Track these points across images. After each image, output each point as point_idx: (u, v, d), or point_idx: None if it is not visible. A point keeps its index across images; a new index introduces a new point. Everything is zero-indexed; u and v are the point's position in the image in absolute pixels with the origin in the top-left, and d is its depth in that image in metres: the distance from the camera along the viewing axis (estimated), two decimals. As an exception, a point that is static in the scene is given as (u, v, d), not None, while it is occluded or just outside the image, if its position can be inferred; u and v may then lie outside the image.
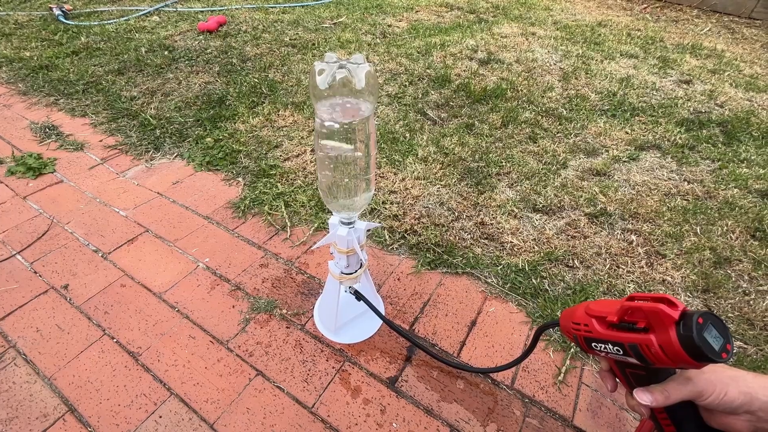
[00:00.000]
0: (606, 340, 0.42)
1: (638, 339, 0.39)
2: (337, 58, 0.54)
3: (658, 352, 0.38)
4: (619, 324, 0.42)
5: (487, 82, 2.00)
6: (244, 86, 1.90)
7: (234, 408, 0.81)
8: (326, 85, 0.53)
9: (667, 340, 0.37)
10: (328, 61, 0.53)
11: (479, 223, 1.23)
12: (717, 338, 0.36)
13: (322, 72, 0.53)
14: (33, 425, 0.77)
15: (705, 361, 0.36)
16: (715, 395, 0.39)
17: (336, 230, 0.75)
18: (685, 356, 0.36)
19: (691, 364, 0.37)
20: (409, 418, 0.80)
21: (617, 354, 0.42)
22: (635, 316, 0.40)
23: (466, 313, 1.01)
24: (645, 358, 0.39)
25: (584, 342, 0.45)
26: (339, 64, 0.53)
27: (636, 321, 0.40)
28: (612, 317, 0.42)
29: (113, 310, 0.98)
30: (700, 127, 1.72)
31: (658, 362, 0.38)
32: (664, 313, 0.37)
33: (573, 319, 0.47)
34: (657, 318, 0.38)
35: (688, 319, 0.37)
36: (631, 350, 0.40)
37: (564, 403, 0.84)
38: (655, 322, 0.38)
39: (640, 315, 0.40)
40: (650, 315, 0.39)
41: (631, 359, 0.41)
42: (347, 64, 0.53)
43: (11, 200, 1.29)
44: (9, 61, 2.09)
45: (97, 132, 1.62)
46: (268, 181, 1.37)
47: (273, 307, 0.99)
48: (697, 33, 2.81)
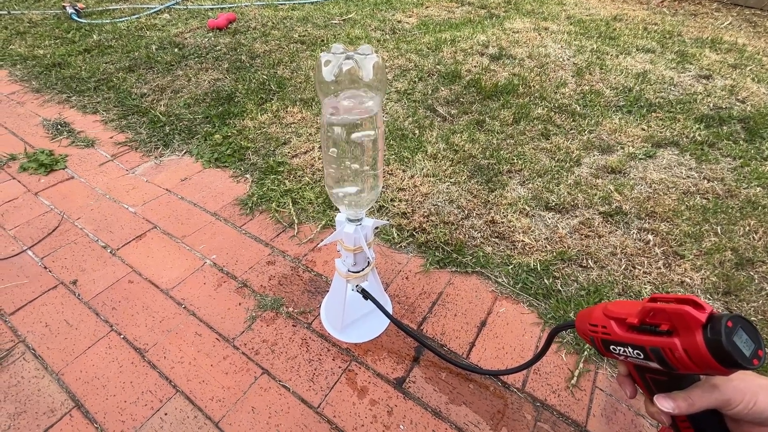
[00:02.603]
0: (626, 343, 0.40)
1: (661, 342, 0.37)
2: (344, 49, 0.52)
3: (683, 357, 0.35)
4: (640, 326, 0.39)
5: (498, 77, 1.96)
6: (252, 83, 1.89)
7: (239, 407, 0.80)
8: (332, 76, 0.51)
9: (693, 344, 0.35)
10: (334, 52, 0.51)
11: (490, 222, 1.20)
12: (748, 343, 0.34)
13: (329, 63, 0.51)
14: (40, 420, 0.77)
15: (734, 367, 0.34)
16: (744, 404, 0.36)
17: (343, 227, 0.73)
18: (713, 362, 0.34)
19: (718, 371, 0.34)
20: (417, 420, 0.79)
21: (638, 358, 0.39)
22: (658, 318, 0.38)
23: (476, 314, 0.98)
24: (668, 362, 0.37)
25: (602, 345, 0.43)
26: (346, 55, 0.51)
27: (659, 323, 0.38)
28: (632, 319, 0.40)
29: (121, 306, 0.98)
30: (721, 124, 1.66)
31: (683, 368, 0.36)
32: (690, 316, 0.35)
33: (590, 320, 0.44)
34: (682, 320, 0.36)
35: (716, 323, 0.34)
36: (653, 354, 0.38)
37: (577, 408, 0.81)
38: (680, 324, 0.36)
39: (664, 317, 0.37)
40: (674, 317, 0.36)
41: (652, 364, 0.38)
42: (354, 54, 0.51)
43: (23, 196, 1.30)
44: (23, 59, 2.12)
45: (108, 129, 1.63)
46: (276, 178, 1.36)
47: (279, 305, 0.98)
48: (717, 27, 2.72)
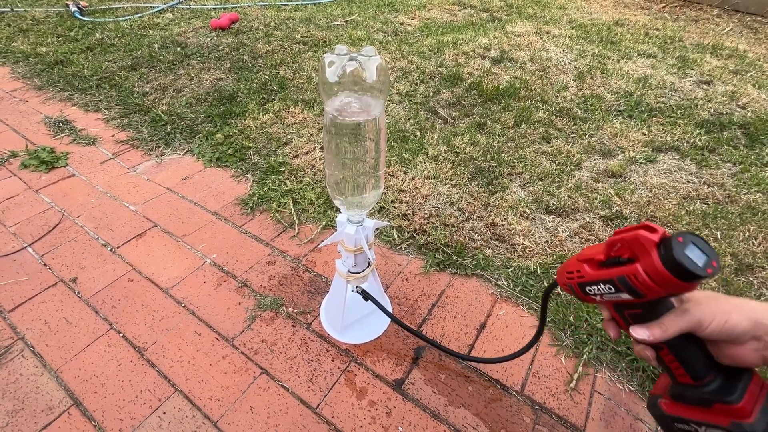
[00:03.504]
0: (597, 281, 0.41)
1: (625, 270, 0.38)
2: (348, 50, 0.52)
3: (646, 280, 0.37)
4: (606, 261, 0.41)
5: (499, 81, 1.96)
6: (254, 83, 1.90)
7: (238, 406, 0.80)
8: (336, 77, 0.51)
9: (651, 264, 0.36)
10: (338, 53, 0.51)
11: (490, 224, 1.21)
12: (700, 256, 0.35)
13: (332, 64, 0.51)
14: (38, 418, 0.77)
15: (691, 279, 0.35)
16: (716, 323, 0.37)
17: (344, 228, 0.73)
18: (671, 277, 0.35)
19: (678, 286, 0.36)
20: (416, 422, 0.79)
21: (610, 293, 0.41)
22: (621, 249, 0.40)
23: (476, 316, 0.98)
24: (636, 289, 0.38)
25: (579, 290, 0.44)
26: (349, 56, 0.51)
27: (621, 254, 0.40)
28: (599, 256, 0.42)
29: (120, 304, 0.98)
30: (721, 129, 1.67)
31: (649, 291, 0.37)
32: (644, 238, 0.37)
33: (566, 269, 0.46)
34: (639, 245, 0.37)
35: (668, 241, 0.36)
36: (621, 284, 0.39)
37: (576, 411, 0.81)
38: (637, 249, 0.38)
39: (625, 247, 0.39)
40: (632, 243, 0.38)
41: (623, 295, 0.40)
42: (358, 56, 0.51)
43: (24, 193, 1.30)
44: (26, 56, 2.12)
45: (110, 127, 1.63)
46: (277, 178, 1.37)
47: (279, 305, 0.98)
48: (718, 33, 2.73)
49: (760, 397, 0.38)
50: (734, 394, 0.38)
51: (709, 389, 0.39)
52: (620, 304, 0.42)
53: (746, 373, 0.39)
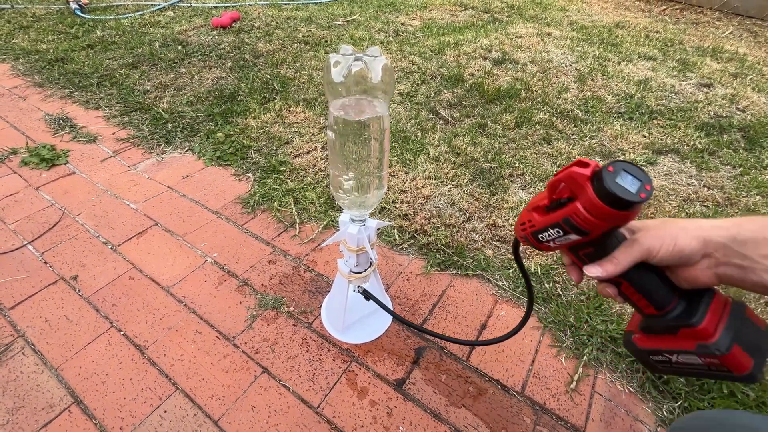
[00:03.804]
0: (546, 227, 0.41)
1: (567, 211, 0.38)
2: (353, 50, 0.52)
3: (586, 216, 0.37)
4: (550, 205, 0.41)
5: (500, 82, 1.97)
6: (255, 82, 1.90)
7: (239, 405, 0.80)
8: (341, 78, 0.51)
9: (587, 199, 0.36)
10: (343, 53, 0.51)
11: (491, 225, 1.21)
12: (633, 182, 0.35)
13: (338, 64, 0.51)
14: (39, 415, 0.77)
15: (628, 207, 0.35)
16: (665, 248, 0.37)
17: (346, 228, 0.73)
18: (608, 209, 0.35)
19: (618, 216, 0.36)
20: (417, 422, 0.79)
21: (560, 236, 0.41)
22: (561, 191, 0.39)
23: (476, 316, 0.98)
24: (580, 228, 0.38)
25: (534, 239, 0.44)
26: (355, 57, 0.51)
27: (562, 195, 0.39)
28: (544, 201, 0.42)
29: (121, 302, 0.98)
30: (721, 132, 1.67)
31: (592, 228, 0.37)
32: (577, 174, 0.37)
33: (520, 221, 0.46)
34: (574, 182, 0.37)
35: (599, 173, 0.36)
36: (567, 226, 0.39)
37: (576, 412, 0.82)
38: (574, 187, 0.38)
39: (564, 188, 0.39)
40: (568, 182, 0.38)
41: (572, 236, 0.40)
42: (363, 56, 0.51)
43: (24, 190, 1.30)
44: (26, 53, 2.12)
45: (110, 125, 1.63)
46: (278, 178, 1.37)
47: (280, 305, 0.98)
48: (718, 36, 2.74)
49: (724, 314, 0.38)
50: (695, 317, 0.38)
51: (672, 316, 0.39)
52: (574, 246, 0.42)
53: (707, 293, 0.39)
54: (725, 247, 0.36)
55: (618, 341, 0.92)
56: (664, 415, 0.82)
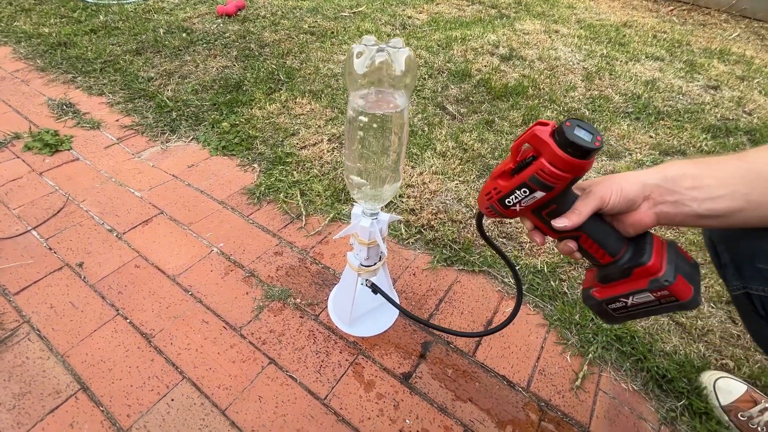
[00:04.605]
0: (513, 189, 0.45)
1: (533, 168, 0.42)
2: (376, 41, 0.51)
3: (551, 170, 0.40)
4: (515, 167, 0.44)
5: (508, 78, 1.96)
6: (261, 72, 1.88)
7: (246, 395, 0.80)
8: (364, 68, 0.51)
9: (551, 152, 0.40)
10: (366, 44, 0.51)
11: (497, 222, 1.21)
12: (587, 134, 0.40)
13: (361, 55, 0.50)
14: (45, 401, 0.77)
15: (587, 155, 0.39)
16: (614, 194, 0.42)
17: (359, 221, 0.73)
18: (570, 158, 0.39)
19: (579, 165, 0.40)
20: (423, 415, 0.79)
21: (526, 196, 0.44)
22: (525, 152, 0.43)
23: (482, 313, 0.99)
24: (546, 183, 0.41)
25: (500, 206, 0.47)
26: (378, 48, 0.50)
27: (526, 156, 0.43)
28: (509, 165, 0.45)
29: (127, 290, 0.97)
30: (727, 135, 1.67)
31: (557, 180, 0.41)
32: (540, 131, 0.41)
33: (484, 192, 0.49)
34: (537, 140, 0.41)
35: (558, 128, 0.40)
36: (534, 183, 0.42)
37: (581, 409, 0.82)
38: (537, 144, 0.41)
39: (528, 149, 0.43)
40: (531, 141, 0.42)
41: (538, 194, 0.43)
42: (387, 47, 0.51)
43: (27, 175, 1.28)
44: (28, 36, 2.08)
45: (114, 111, 1.61)
46: (284, 169, 1.36)
47: (287, 296, 0.98)
48: (726, 38, 2.73)
49: (663, 252, 0.43)
50: (644, 256, 0.43)
51: (625, 259, 0.44)
52: (537, 207, 0.45)
53: (647, 236, 0.44)
54: (658, 187, 0.41)
55: (623, 340, 0.93)
56: (666, 413, 0.83)
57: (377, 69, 0.51)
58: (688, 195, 0.41)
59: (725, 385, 0.83)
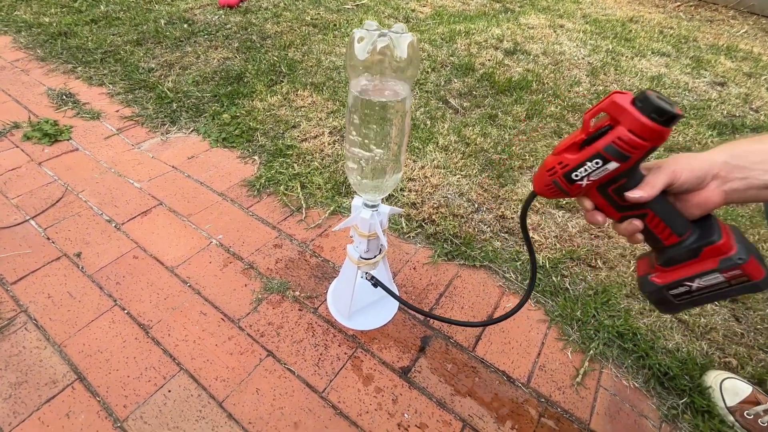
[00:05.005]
0: (584, 161, 0.43)
1: (610, 137, 0.40)
2: (378, 26, 0.50)
3: (631, 138, 0.39)
4: (587, 138, 0.42)
5: (512, 73, 1.94)
6: (263, 64, 1.86)
7: (243, 387, 0.79)
8: (366, 54, 0.49)
9: (632, 119, 0.39)
10: (368, 29, 0.49)
11: (499, 216, 1.19)
12: (666, 103, 0.38)
13: (362, 39, 0.49)
14: (42, 391, 0.76)
15: (670, 122, 0.38)
16: (686, 170, 0.41)
17: (359, 213, 0.72)
18: (653, 124, 0.38)
19: (660, 133, 0.38)
20: (422, 409, 0.78)
21: (597, 168, 0.42)
22: (599, 122, 0.42)
23: (483, 308, 0.98)
24: (623, 152, 0.40)
25: (565, 181, 0.45)
26: (380, 33, 0.49)
27: (600, 126, 0.41)
28: (579, 137, 0.43)
29: (125, 281, 0.96)
30: (734, 132, 1.65)
31: (635, 150, 0.39)
32: (620, 99, 0.39)
33: (545, 169, 0.47)
34: (616, 107, 0.40)
35: (638, 96, 0.39)
36: (609, 153, 0.41)
37: (581, 406, 0.81)
38: (616, 113, 0.40)
39: (605, 118, 0.41)
40: (609, 109, 0.40)
41: (611, 165, 0.41)
42: (389, 33, 0.49)
43: (26, 165, 1.28)
44: (28, 26, 2.07)
45: (114, 102, 1.60)
46: (285, 161, 1.35)
47: (286, 289, 0.97)
48: (733, 34, 2.69)
49: (730, 231, 0.42)
50: (714, 235, 0.41)
51: (692, 239, 0.42)
52: (605, 183, 0.43)
53: (711, 218, 0.43)
54: (726, 164, 0.41)
55: (625, 337, 0.92)
56: (668, 411, 0.82)
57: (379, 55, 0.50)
58: (758, 168, 0.40)
59: (732, 386, 0.82)
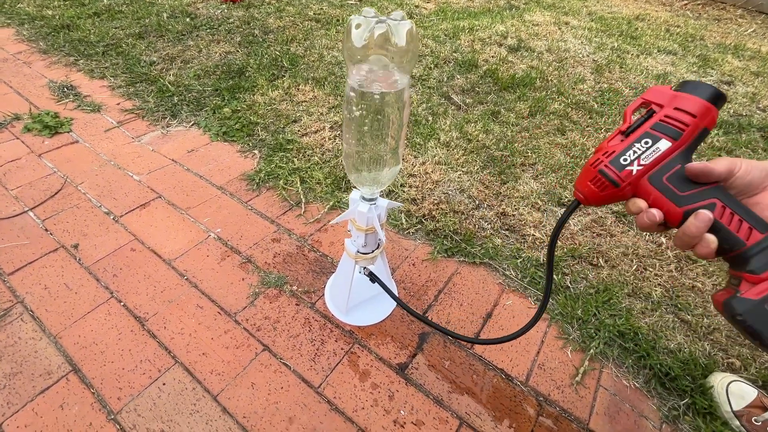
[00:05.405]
0: (631, 143, 0.41)
1: (656, 117, 0.40)
2: (376, 13, 0.49)
3: (678, 114, 0.38)
4: (631, 126, 0.42)
5: (515, 69, 1.92)
6: (264, 58, 1.85)
7: (239, 381, 0.78)
8: (363, 41, 0.48)
9: (677, 98, 0.39)
10: (366, 15, 0.48)
11: (500, 214, 1.18)
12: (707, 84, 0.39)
13: (359, 26, 0.48)
14: (36, 382, 0.76)
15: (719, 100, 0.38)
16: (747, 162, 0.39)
17: (356, 206, 0.71)
18: (698, 98, 0.38)
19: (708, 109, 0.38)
20: (418, 407, 0.77)
21: (647, 148, 0.40)
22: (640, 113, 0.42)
23: (482, 305, 0.97)
24: (673, 128, 0.39)
25: (613, 168, 0.41)
26: (378, 19, 0.48)
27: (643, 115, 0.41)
28: (622, 128, 0.42)
29: (122, 273, 0.96)
30: (740, 131, 1.63)
31: (686, 125, 0.38)
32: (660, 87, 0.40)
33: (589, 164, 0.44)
34: (658, 93, 0.40)
35: (682, 82, 0.40)
36: (658, 130, 0.40)
37: (580, 405, 0.80)
38: (658, 99, 0.40)
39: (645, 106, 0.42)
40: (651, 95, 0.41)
41: (663, 143, 0.39)
42: (387, 19, 0.48)
43: (26, 157, 1.27)
44: (31, 18, 2.07)
45: (115, 95, 1.59)
46: (285, 156, 1.34)
47: (283, 283, 0.97)
48: (741, 33, 2.66)
49: None
50: None
51: None
52: (657, 171, 0.40)
53: None
54: None
55: (626, 336, 0.91)
56: (668, 411, 0.80)
57: (376, 42, 0.48)
58: None
59: (738, 390, 0.80)
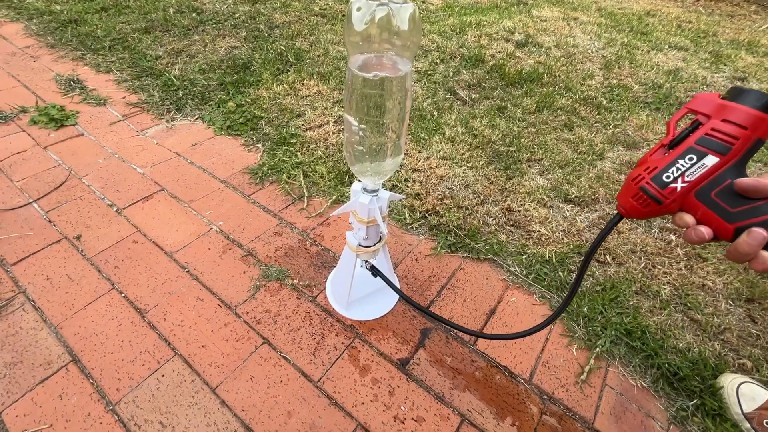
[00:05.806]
0: (674, 159, 0.38)
1: (702, 131, 0.37)
2: (377, -4, 0.47)
3: (726, 127, 0.35)
4: (675, 139, 0.39)
5: (522, 65, 1.89)
6: (270, 53, 1.85)
7: (238, 374, 0.78)
8: (363, 24, 0.47)
9: (725, 108, 0.36)
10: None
11: (506, 209, 1.16)
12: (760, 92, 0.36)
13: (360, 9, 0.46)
14: (36, 371, 0.76)
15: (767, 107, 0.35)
16: None
17: (358, 197, 0.70)
18: (750, 108, 0.34)
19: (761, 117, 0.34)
20: (419, 403, 0.76)
21: (692, 164, 0.37)
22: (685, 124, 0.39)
23: (486, 301, 0.95)
24: (720, 142, 0.36)
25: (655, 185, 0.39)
26: (379, 2, 0.46)
27: (688, 126, 0.38)
28: (664, 141, 0.40)
29: (123, 264, 0.96)
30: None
31: (736, 138, 0.35)
32: (706, 95, 0.37)
33: (630, 180, 0.41)
34: (704, 102, 0.37)
35: (730, 89, 0.36)
36: (703, 145, 0.37)
37: (585, 404, 0.78)
38: (704, 108, 0.37)
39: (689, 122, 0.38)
40: (696, 104, 0.38)
41: (709, 159, 0.36)
42: (389, 2, 0.47)
43: (32, 149, 1.28)
44: (40, 13, 2.08)
45: (121, 89, 1.60)
46: (288, 150, 1.33)
47: (284, 277, 0.96)
48: (755, 29, 2.60)
49: None
50: None
51: None
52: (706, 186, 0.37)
53: None
54: None
55: (633, 334, 0.88)
56: (676, 412, 0.78)
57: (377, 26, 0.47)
58: None
59: (749, 391, 0.78)
